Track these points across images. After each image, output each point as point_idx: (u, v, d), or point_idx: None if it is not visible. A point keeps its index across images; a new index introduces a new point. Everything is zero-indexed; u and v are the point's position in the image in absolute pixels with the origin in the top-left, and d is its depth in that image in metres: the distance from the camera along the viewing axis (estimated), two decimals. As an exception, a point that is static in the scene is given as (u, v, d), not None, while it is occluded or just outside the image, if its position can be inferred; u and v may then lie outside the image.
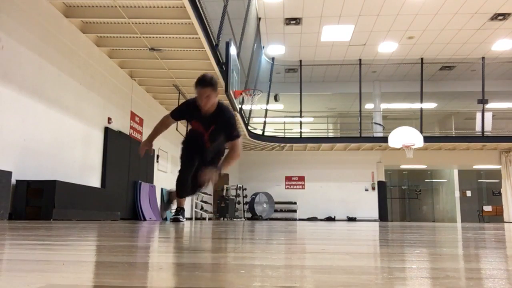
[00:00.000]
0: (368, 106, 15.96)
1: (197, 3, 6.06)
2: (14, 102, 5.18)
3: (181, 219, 4.82)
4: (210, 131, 4.07)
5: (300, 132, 14.64)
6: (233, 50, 7.98)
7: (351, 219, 15.39)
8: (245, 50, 10.15)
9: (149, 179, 9.78)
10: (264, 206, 15.48)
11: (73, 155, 6.58)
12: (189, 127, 4.42)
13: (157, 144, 10.41)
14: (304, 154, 16.11)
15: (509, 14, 10.95)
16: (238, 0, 9.22)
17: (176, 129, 10.29)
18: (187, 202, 13.76)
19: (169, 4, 6.10)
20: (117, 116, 8.09)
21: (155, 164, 10.31)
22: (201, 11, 6.29)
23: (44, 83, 5.78)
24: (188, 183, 4.41)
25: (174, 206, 4.97)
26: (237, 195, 15.68)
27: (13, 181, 5.09)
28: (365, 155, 15.67)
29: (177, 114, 4.28)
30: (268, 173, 16.21)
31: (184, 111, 4.24)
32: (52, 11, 5.99)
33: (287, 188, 16.20)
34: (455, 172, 18.84)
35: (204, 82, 3.84)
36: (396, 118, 16.98)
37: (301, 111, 14.37)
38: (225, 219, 14.12)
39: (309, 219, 15.34)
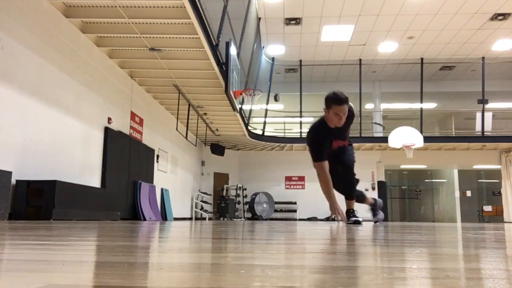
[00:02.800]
0: (368, 106, 15.96)
1: (197, 3, 6.06)
2: (14, 102, 5.18)
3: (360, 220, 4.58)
4: (347, 134, 4.08)
5: (300, 132, 14.64)
6: (233, 50, 7.98)
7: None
8: (245, 50, 10.15)
9: (149, 179, 9.78)
10: (264, 206, 15.48)
11: (73, 155, 6.59)
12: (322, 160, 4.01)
13: (157, 144, 10.41)
14: (304, 154, 16.08)
15: (509, 14, 10.95)
16: (238, 0, 9.22)
17: (176, 129, 10.30)
18: (187, 202, 13.76)
19: (169, 4, 6.10)
20: (117, 116, 8.09)
21: (155, 164, 10.32)
22: (201, 11, 6.29)
23: (44, 83, 5.78)
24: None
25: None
26: (237, 195, 15.68)
27: (13, 181, 5.10)
28: (365, 155, 15.66)
29: (322, 153, 3.98)
30: (268, 173, 16.20)
31: (323, 141, 3.98)
32: (52, 11, 5.99)
33: (287, 188, 16.19)
34: (455, 172, 18.84)
35: (342, 100, 3.78)
36: (396, 118, 16.98)
37: (301, 111, 14.37)
38: (225, 219, 14.12)
39: (309, 219, 15.34)
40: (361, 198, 4.83)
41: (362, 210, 5.59)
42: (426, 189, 21.90)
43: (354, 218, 4.43)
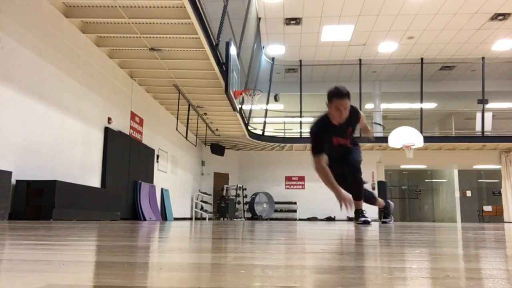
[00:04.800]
0: (368, 106, 15.96)
1: (197, 3, 6.06)
2: (14, 102, 5.18)
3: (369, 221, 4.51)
4: (349, 133, 4.07)
5: (300, 132, 14.63)
6: (233, 50, 7.98)
7: (351, 219, 15.39)
8: (245, 50, 10.15)
9: (149, 179, 9.78)
10: (264, 206, 15.48)
11: (73, 155, 6.58)
12: (323, 153, 3.96)
13: (157, 144, 10.41)
14: (304, 154, 16.09)
15: (509, 14, 10.95)
16: (238, 0, 9.22)
17: (176, 129, 10.29)
18: (187, 202, 13.75)
19: (169, 4, 6.10)
20: (117, 116, 8.09)
21: (155, 164, 10.32)
22: (201, 11, 6.29)
23: (44, 83, 5.78)
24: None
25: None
26: (237, 195, 15.68)
27: (13, 181, 5.10)
28: (365, 155, 15.58)
29: (321, 147, 3.95)
30: (268, 173, 16.20)
31: (324, 136, 3.98)
32: (52, 11, 5.99)
33: (287, 188, 16.19)
34: (455, 172, 18.84)
35: (343, 94, 3.80)
36: (396, 118, 16.97)
37: (301, 111, 14.37)
38: (225, 219, 14.12)
39: (309, 219, 15.34)
40: (372, 200, 4.76)
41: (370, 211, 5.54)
42: (426, 189, 21.89)
43: (363, 218, 4.34)
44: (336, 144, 4.10)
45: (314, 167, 3.99)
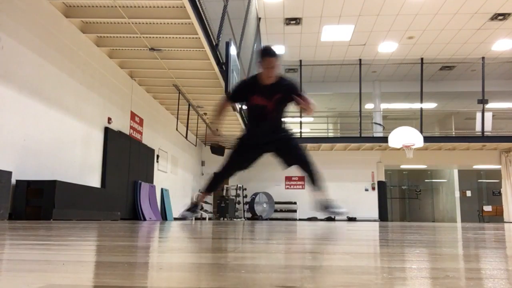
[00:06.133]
0: (368, 106, 15.95)
1: (197, 3, 6.05)
2: (14, 102, 5.18)
3: (190, 217, 4.64)
4: (275, 99, 4.05)
5: (300, 132, 14.63)
6: (233, 50, 7.97)
7: (351, 219, 15.39)
8: (245, 50, 10.15)
9: (149, 179, 9.78)
10: (264, 206, 15.48)
11: (73, 155, 6.58)
12: (247, 108, 4.18)
13: (157, 144, 10.41)
14: (304, 154, 16.09)
15: (509, 14, 10.95)
16: (238, 0, 9.22)
17: (176, 129, 10.29)
18: (187, 202, 13.74)
19: (169, 4, 6.10)
20: (117, 116, 8.09)
21: (155, 164, 10.32)
22: (201, 11, 6.29)
23: (44, 83, 5.78)
24: (223, 181, 4.45)
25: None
26: (237, 195, 15.68)
27: (13, 181, 5.09)
28: (365, 155, 15.66)
29: (236, 95, 4.20)
30: (268, 173, 16.18)
31: (244, 89, 4.14)
32: (52, 11, 5.99)
33: (287, 188, 16.19)
34: (455, 172, 18.83)
35: (271, 52, 3.90)
36: (396, 118, 16.97)
37: (301, 111, 14.34)
38: (225, 219, 14.12)
39: (309, 219, 15.34)
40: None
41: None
42: (426, 189, 21.88)
43: (331, 210, 3.96)
44: (254, 104, 4.04)
45: (219, 102, 4.17)
